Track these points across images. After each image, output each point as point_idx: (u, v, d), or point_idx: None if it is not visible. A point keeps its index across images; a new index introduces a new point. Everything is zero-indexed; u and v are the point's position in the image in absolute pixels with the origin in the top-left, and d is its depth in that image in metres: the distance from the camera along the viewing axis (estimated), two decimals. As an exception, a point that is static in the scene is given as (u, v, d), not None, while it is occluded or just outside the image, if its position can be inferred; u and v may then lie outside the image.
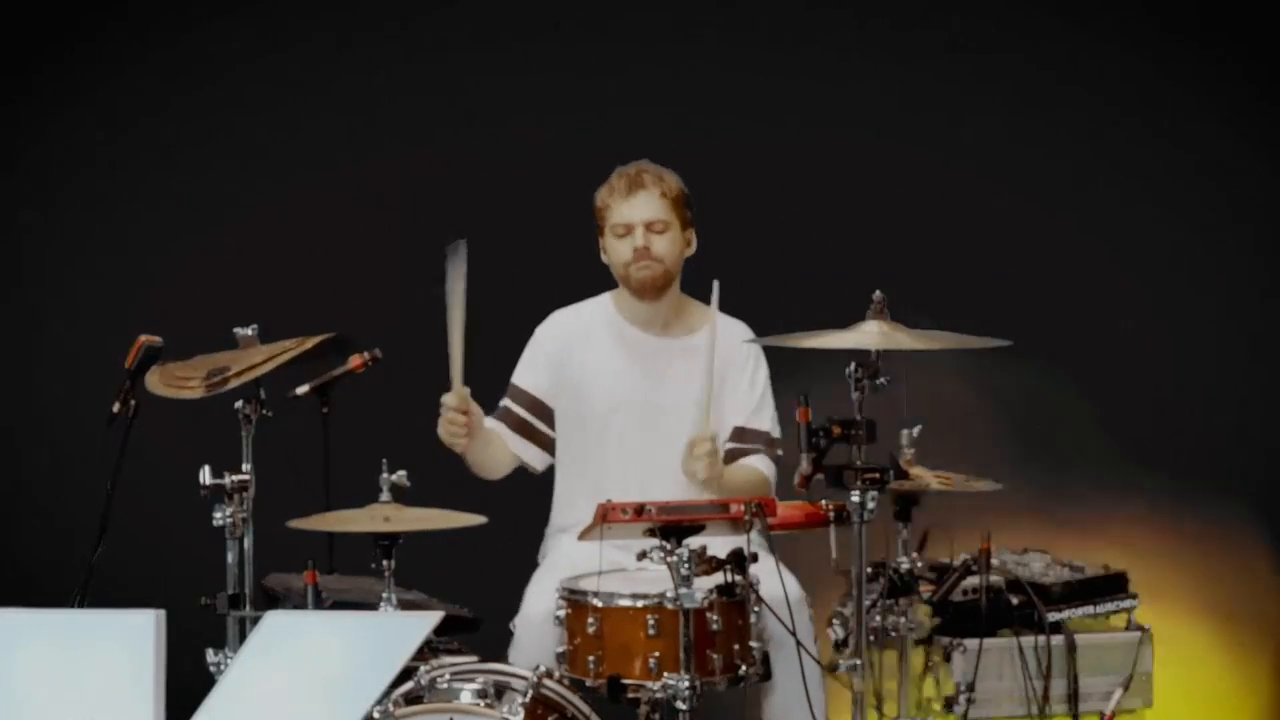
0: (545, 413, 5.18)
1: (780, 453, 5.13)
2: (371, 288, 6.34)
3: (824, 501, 4.57)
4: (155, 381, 4.73)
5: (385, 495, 4.58)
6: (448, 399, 4.94)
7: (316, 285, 6.37)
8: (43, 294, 6.42)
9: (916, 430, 4.67)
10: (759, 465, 5.10)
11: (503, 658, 4.77)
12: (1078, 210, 6.45)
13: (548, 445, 5.20)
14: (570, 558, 4.86)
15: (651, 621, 4.53)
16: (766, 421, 5.14)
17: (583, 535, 4.57)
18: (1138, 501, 6.37)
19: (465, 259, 4.76)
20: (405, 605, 4.60)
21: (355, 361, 5.16)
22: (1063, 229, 6.45)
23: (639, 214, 5.06)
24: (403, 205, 6.42)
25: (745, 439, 5.11)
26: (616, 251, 5.09)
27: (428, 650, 4.64)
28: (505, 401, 5.19)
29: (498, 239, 6.39)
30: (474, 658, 4.69)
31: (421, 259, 6.38)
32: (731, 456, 5.11)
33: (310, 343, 4.81)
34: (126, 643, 3.29)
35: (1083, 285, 6.44)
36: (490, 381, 5.34)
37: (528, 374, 5.20)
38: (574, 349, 5.17)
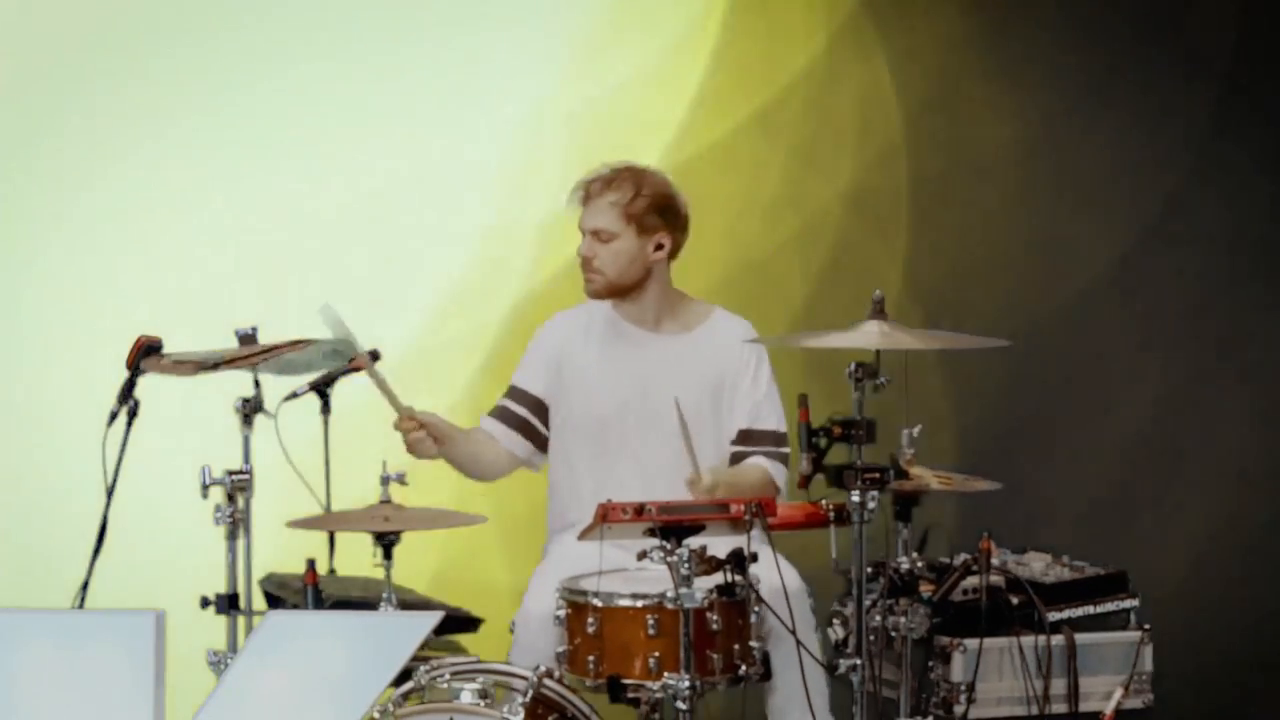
0: (544, 411, 5.18)
1: (788, 449, 5.12)
2: (371, 287, 6.34)
3: (824, 501, 4.57)
4: (153, 364, 4.74)
5: (385, 495, 4.57)
6: (399, 424, 4.94)
7: (316, 285, 6.36)
8: (43, 293, 6.42)
9: (916, 430, 4.66)
10: (763, 463, 5.09)
11: (503, 658, 4.77)
12: (1080, 209, 6.45)
13: (546, 445, 5.19)
14: (571, 556, 4.86)
15: (651, 621, 4.53)
16: (773, 420, 5.13)
17: (583, 535, 4.57)
18: (1139, 500, 6.38)
19: (337, 316, 4.74)
20: (405, 605, 4.60)
21: (355, 361, 5.16)
22: (1065, 228, 6.45)
23: (587, 222, 5.09)
24: (403, 205, 6.41)
25: (751, 441, 5.11)
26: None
27: (428, 650, 4.63)
28: (505, 401, 5.19)
29: (498, 240, 6.41)
30: (474, 658, 4.69)
31: (422, 258, 6.40)
32: (739, 458, 5.10)
33: (307, 342, 4.82)
34: (126, 643, 3.29)
35: (1083, 285, 6.45)
36: (489, 383, 5.35)
37: (528, 375, 5.20)
38: (572, 349, 5.17)
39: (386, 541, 4.52)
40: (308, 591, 4.59)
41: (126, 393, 4.78)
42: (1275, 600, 6.35)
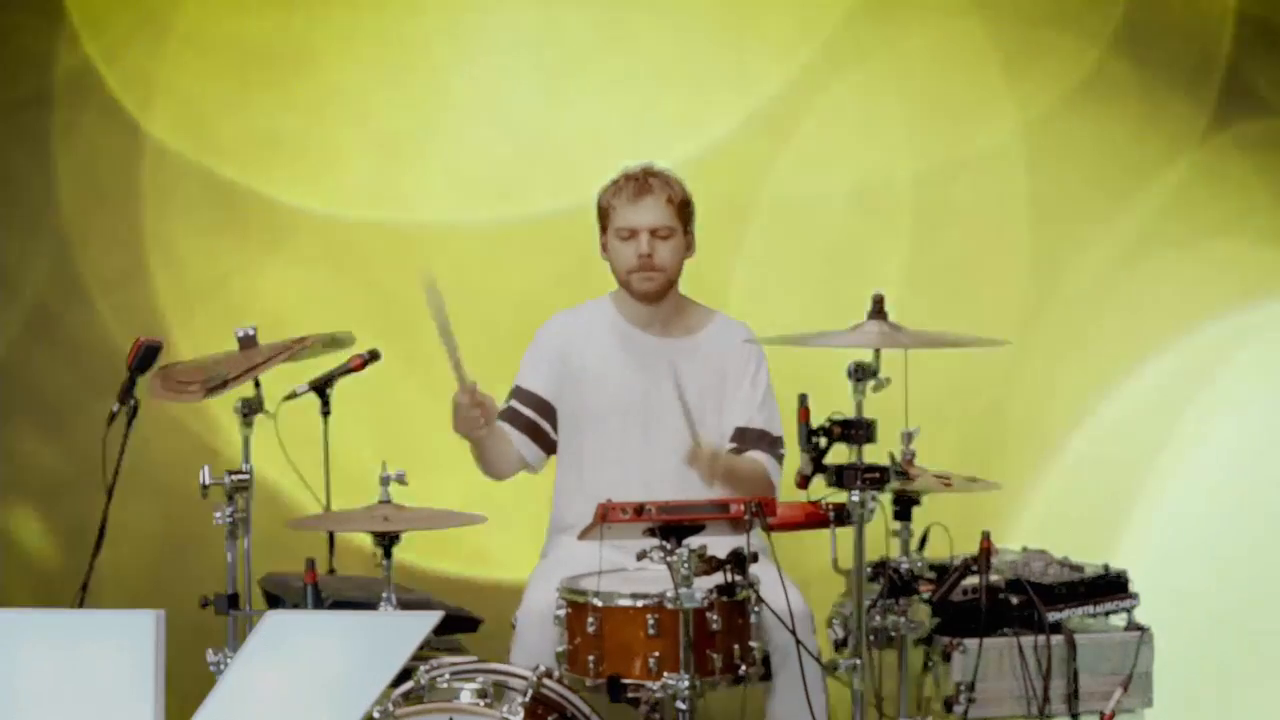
0: (550, 413, 5.17)
1: (783, 451, 5.12)
2: (372, 287, 6.34)
3: (824, 501, 4.57)
4: (157, 387, 4.73)
5: (385, 495, 4.57)
6: (460, 397, 4.90)
7: (316, 285, 6.37)
8: (43, 292, 6.42)
9: (916, 430, 4.66)
10: (760, 459, 5.09)
11: (503, 658, 4.77)
12: (1080, 208, 6.45)
13: (550, 446, 5.19)
14: (572, 555, 4.86)
15: (651, 621, 4.53)
16: (768, 422, 5.13)
17: (583, 535, 4.57)
18: (1138, 500, 6.38)
19: (440, 295, 4.69)
20: (405, 605, 4.60)
21: (355, 361, 5.17)
22: (1065, 227, 6.45)
23: (645, 219, 5.05)
24: (403, 205, 6.41)
25: (746, 440, 5.11)
26: (620, 255, 5.08)
27: (428, 650, 4.63)
28: (511, 403, 5.18)
29: (497, 240, 6.41)
30: (474, 658, 4.69)
31: (421, 259, 6.40)
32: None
33: (310, 343, 4.82)
34: (126, 643, 3.30)
35: (1084, 284, 6.44)
36: (492, 382, 5.35)
37: (531, 375, 5.19)
38: (575, 350, 5.17)
39: (386, 541, 4.52)
40: (308, 591, 4.59)
41: (126, 393, 4.78)
42: (1275, 600, 6.34)
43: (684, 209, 5.10)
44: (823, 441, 4.46)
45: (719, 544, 4.49)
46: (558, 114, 6.41)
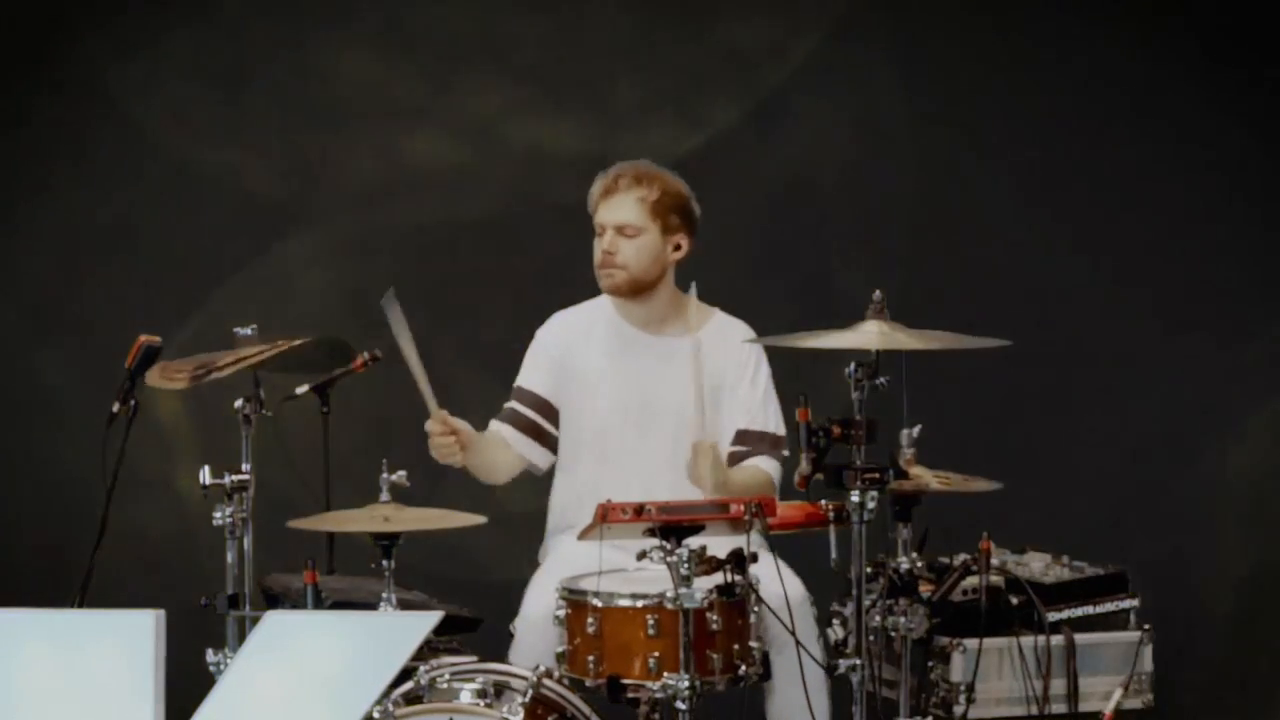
0: (551, 413, 5.18)
1: (786, 451, 5.12)
2: (371, 287, 6.34)
3: (824, 501, 4.57)
4: (155, 376, 4.76)
5: (385, 495, 4.58)
6: (431, 426, 4.94)
7: (317, 285, 6.37)
8: (44, 293, 6.42)
9: (916, 430, 4.66)
10: (764, 466, 5.09)
11: (503, 658, 4.77)
12: (1080, 209, 6.45)
13: (554, 446, 5.19)
14: (570, 558, 4.86)
15: (651, 621, 4.54)
16: (770, 421, 5.14)
17: (583, 535, 4.57)
18: (1139, 500, 6.37)
19: (398, 306, 4.74)
20: (405, 605, 4.61)
21: (355, 361, 5.17)
22: (1066, 228, 6.45)
23: (610, 216, 5.08)
24: (403, 205, 6.42)
25: (749, 441, 5.11)
26: (595, 251, 5.12)
27: (428, 650, 4.64)
28: (511, 404, 5.19)
29: (497, 239, 6.42)
30: (474, 658, 4.69)
31: (422, 258, 6.41)
32: (736, 459, 5.10)
33: (300, 340, 4.83)
34: (126, 643, 3.29)
35: (1084, 284, 6.44)
36: (492, 382, 5.35)
37: (532, 375, 5.20)
38: (574, 349, 5.17)
39: (386, 542, 4.52)
40: (308, 591, 4.59)
41: (127, 393, 4.78)
42: (1275, 600, 6.35)
43: (663, 208, 5.09)
44: (823, 441, 4.47)
45: (719, 544, 4.49)
46: (557, 112, 6.41)
